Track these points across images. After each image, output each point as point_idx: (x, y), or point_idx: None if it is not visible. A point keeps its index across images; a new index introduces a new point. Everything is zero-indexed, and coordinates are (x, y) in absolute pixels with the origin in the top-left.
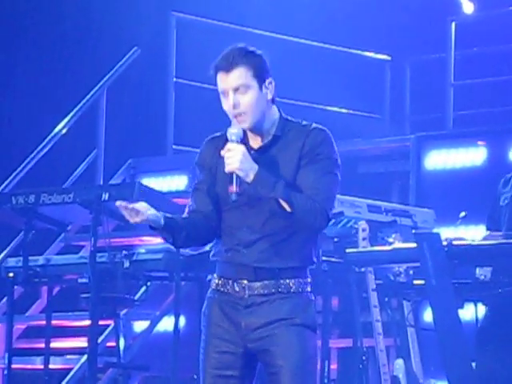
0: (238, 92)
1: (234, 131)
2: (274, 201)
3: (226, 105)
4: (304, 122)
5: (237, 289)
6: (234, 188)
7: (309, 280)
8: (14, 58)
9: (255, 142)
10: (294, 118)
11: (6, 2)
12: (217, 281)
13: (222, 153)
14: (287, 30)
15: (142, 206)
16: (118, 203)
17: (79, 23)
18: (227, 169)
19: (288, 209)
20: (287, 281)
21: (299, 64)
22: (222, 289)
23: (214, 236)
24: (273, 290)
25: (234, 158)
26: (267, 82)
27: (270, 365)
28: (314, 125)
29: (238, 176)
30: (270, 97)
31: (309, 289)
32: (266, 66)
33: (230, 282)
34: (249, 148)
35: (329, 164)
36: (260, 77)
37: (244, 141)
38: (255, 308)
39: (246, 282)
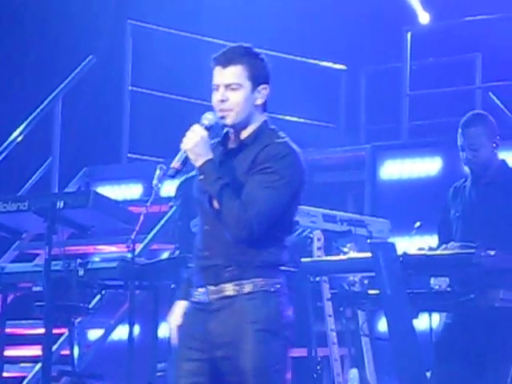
0: (228, 88)
1: (208, 116)
2: (208, 195)
3: (215, 98)
4: (280, 134)
5: (204, 294)
6: (175, 164)
7: (276, 281)
8: None
9: (231, 144)
10: None
11: None
12: (189, 291)
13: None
14: (243, 39)
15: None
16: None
17: (35, 30)
18: (181, 145)
19: (216, 206)
20: (250, 280)
21: None
22: (192, 298)
23: None
24: (235, 292)
25: (192, 138)
26: (261, 87)
27: (234, 372)
28: (284, 140)
29: (187, 156)
30: (259, 102)
31: (275, 289)
32: (264, 71)
33: (199, 289)
34: (225, 149)
35: (275, 179)
36: (255, 80)
37: (224, 140)
38: (219, 312)
39: (211, 287)
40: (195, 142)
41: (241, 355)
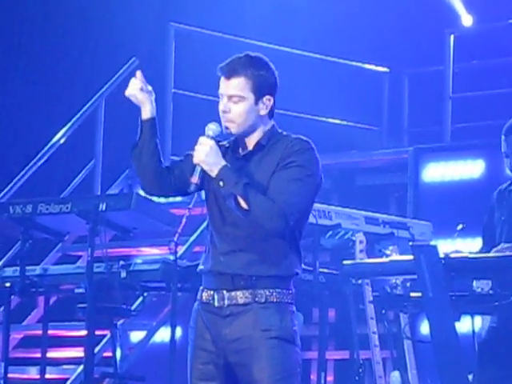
0: (231, 100)
1: (212, 127)
2: (233, 199)
3: (219, 107)
4: (292, 135)
5: (216, 299)
6: (194, 179)
7: (290, 292)
8: (12, 68)
9: (243, 150)
10: (294, 128)
11: (6, 12)
12: (201, 292)
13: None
14: (286, 42)
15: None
16: (138, 72)
17: (78, 33)
18: (194, 160)
19: (244, 206)
20: (265, 290)
21: (298, 75)
22: (204, 300)
23: (166, 189)
24: (250, 300)
25: (202, 150)
26: (265, 98)
27: (248, 380)
28: (298, 137)
29: (202, 169)
30: (263, 113)
31: (290, 299)
32: (269, 81)
33: (211, 292)
34: (237, 154)
35: (300, 171)
36: (258, 92)
37: (234, 146)
38: (233, 318)
39: (224, 292)
40: (206, 153)
41: (255, 362)
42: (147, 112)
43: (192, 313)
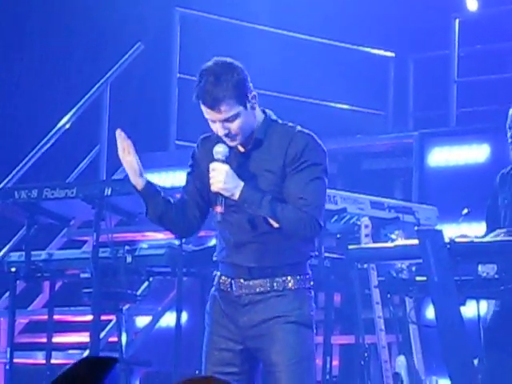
0: (226, 121)
1: (219, 150)
2: (263, 218)
3: (214, 128)
4: (289, 124)
5: (234, 287)
6: (219, 208)
7: (307, 276)
8: (17, 53)
9: (242, 147)
10: (299, 113)
11: None
12: (218, 279)
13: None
14: (291, 26)
15: (134, 152)
16: (118, 130)
17: (83, 18)
18: (212, 188)
19: (275, 224)
20: (282, 278)
21: (303, 60)
22: (222, 287)
23: (193, 227)
24: (268, 288)
25: (218, 178)
26: (250, 97)
27: (267, 363)
28: (298, 128)
29: (223, 195)
30: (254, 107)
31: (307, 284)
32: (243, 80)
33: (229, 280)
34: (235, 152)
35: (314, 170)
36: (243, 98)
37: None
38: (252, 306)
39: (242, 280)
40: (223, 181)
41: (273, 346)
42: (138, 182)
43: (209, 298)
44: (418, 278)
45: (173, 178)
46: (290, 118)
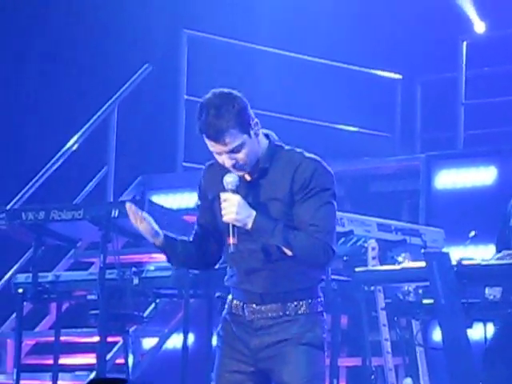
0: (232, 152)
1: (230, 180)
2: (276, 247)
3: (220, 160)
4: (295, 150)
5: (246, 312)
6: (231, 240)
7: (319, 299)
8: (24, 74)
9: (249, 175)
10: (307, 135)
11: (18, 16)
12: (230, 303)
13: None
14: (299, 48)
15: (147, 216)
16: (127, 205)
17: (91, 39)
18: (224, 219)
19: (289, 253)
20: (294, 303)
21: (310, 82)
22: (234, 311)
23: (216, 258)
24: (280, 313)
25: (230, 208)
26: (252, 124)
27: (277, 382)
28: (304, 154)
29: (235, 226)
30: (258, 133)
31: (319, 308)
32: (244, 108)
33: (241, 304)
34: (242, 180)
35: (323, 195)
36: (246, 127)
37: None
38: (264, 330)
39: (254, 305)
40: (236, 212)
41: (285, 366)
42: (156, 241)
43: (221, 321)
44: (424, 301)
45: (180, 200)
46: (297, 140)
